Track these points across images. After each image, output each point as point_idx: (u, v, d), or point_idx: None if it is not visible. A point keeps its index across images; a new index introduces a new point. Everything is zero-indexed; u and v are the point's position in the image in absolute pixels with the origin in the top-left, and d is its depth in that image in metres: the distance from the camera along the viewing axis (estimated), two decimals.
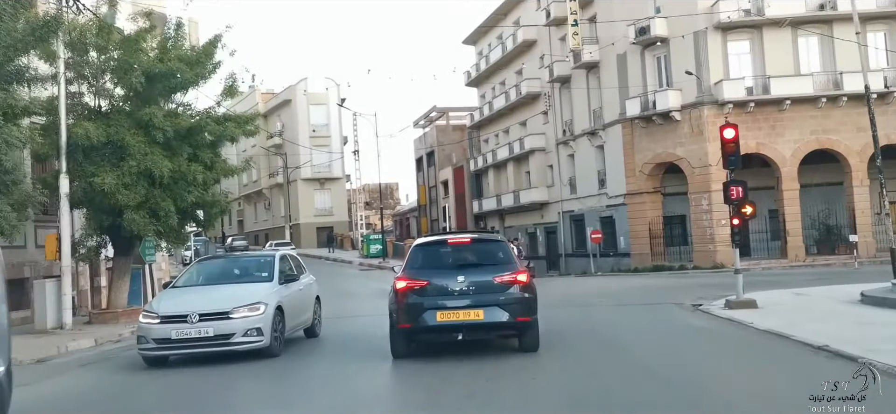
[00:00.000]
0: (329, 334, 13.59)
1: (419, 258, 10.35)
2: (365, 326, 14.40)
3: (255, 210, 75.30)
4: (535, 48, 47.23)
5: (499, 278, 9.79)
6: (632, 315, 15.12)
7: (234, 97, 20.25)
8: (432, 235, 14.36)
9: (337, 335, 13.58)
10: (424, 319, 9.65)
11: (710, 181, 33.39)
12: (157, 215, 17.52)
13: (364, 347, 11.74)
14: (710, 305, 15.31)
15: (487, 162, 53.57)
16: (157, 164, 16.84)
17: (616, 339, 11.73)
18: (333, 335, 13.54)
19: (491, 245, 10.97)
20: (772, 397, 7.26)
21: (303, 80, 65.51)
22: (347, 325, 15.53)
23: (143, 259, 18.80)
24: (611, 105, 38.56)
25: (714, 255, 33.38)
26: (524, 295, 9.83)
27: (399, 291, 9.90)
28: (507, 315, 9.65)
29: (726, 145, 14.59)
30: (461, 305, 9.61)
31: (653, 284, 24.89)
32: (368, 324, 14.38)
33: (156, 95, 18.03)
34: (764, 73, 33.80)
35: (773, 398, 7.22)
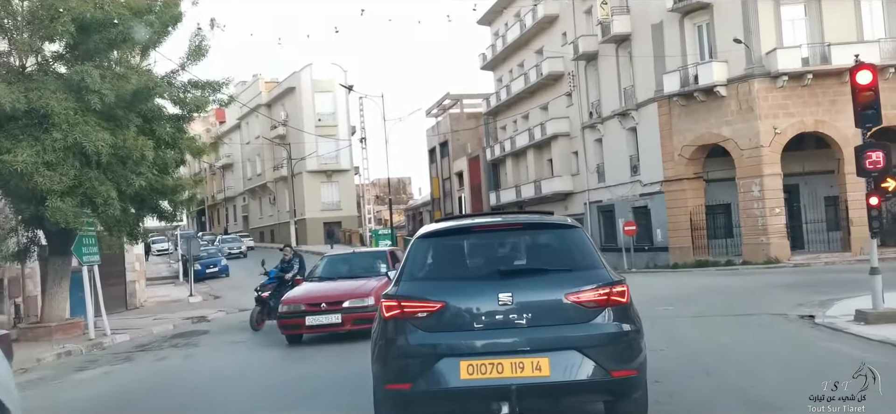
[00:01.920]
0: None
1: (426, 259, 5.89)
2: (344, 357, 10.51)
3: (260, 205, 71.67)
4: (556, 24, 43.32)
5: (575, 296, 5.36)
6: (733, 334, 10.86)
7: (201, 59, 16.43)
8: (447, 219, 8.63)
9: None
10: (438, 374, 5.23)
11: (761, 164, 29.40)
12: (94, 204, 13.74)
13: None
14: (826, 315, 11.29)
15: (505, 150, 49.79)
16: (90, 138, 13.07)
17: (759, 393, 7.19)
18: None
19: (559, 234, 6.11)
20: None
21: (307, 67, 61.68)
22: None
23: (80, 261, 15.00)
24: (644, 82, 34.54)
25: (767, 248, 29.30)
26: (623, 328, 5.39)
27: (389, 319, 5.50)
28: (594, 367, 5.21)
29: (860, 94, 10.57)
30: (506, 348, 5.22)
31: (713, 284, 20.85)
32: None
33: (94, 52, 14.25)
34: (822, 40, 29.61)
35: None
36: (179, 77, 16.41)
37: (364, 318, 11.53)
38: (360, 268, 14.42)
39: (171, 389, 9.80)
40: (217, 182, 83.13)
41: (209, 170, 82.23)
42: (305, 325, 12.58)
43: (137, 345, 14.85)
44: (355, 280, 13.45)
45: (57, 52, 14.68)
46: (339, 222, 62.30)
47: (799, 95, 29.63)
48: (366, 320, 11.05)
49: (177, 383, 10.11)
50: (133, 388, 10.08)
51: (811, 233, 31.34)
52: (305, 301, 12.77)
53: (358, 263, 14.98)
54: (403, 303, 5.44)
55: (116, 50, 14.83)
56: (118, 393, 9.74)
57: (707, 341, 10.35)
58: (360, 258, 15.92)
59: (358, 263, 14.98)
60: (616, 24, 35.61)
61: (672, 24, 32.58)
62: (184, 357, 12.68)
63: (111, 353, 13.91)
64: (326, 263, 15.43)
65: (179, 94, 16.07)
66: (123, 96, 13.95)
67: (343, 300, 12.47)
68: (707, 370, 8.17)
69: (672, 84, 31.95)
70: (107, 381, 10.72)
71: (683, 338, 10.41)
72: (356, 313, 12.14)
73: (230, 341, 14.23)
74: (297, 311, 12.71)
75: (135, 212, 16.25)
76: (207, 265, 37.25)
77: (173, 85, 15.97)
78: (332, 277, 14.10)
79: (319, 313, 12.43)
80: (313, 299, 12.78)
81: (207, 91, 16.43)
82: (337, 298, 12.61)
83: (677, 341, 9.81)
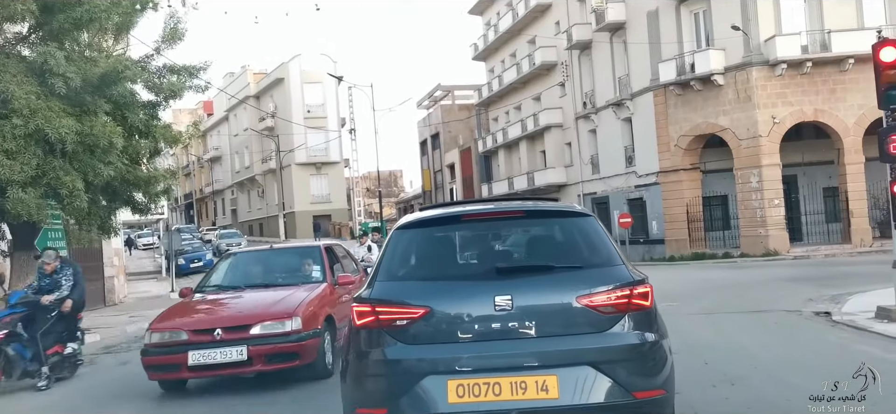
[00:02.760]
0: None
1: (408, 254, 4.88)
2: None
3: (249, 198, 70.66)
4: (549, 13, 42.49)
5: (589, 299, 4.38)
6: (751, 335, 9.94)
7: (177, 42, 15.52)
8: (433, 206, 6.92)
9: None
10: (421, 397, 4.26)
11: (760, 154, 28.72)
12: (59, 195, 12.84)
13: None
14: (842, 312, 10.53)
15: (497, 142, 49.02)
16: (53, 124, 12.16)
17: (797, 407, 6.17)
18: None
19: (567, 224, 5.05)
20: None
21: (296, 57, 60.67)
22: None
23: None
24: (640, 71, 33.77)
25: (765, 240, 28.62)
26: (646, 338, 4.40)
27: (361, 328, 4.53)
28: (612, 386, 4.21)
29: (884, 73, 9.76)
30: (505, 363, 4.25)
31: (714, 278, 20.08)
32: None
33: (60, 33, 13.33)
34: (822, 28, 28.89)
35: None
36: (154, 62, 15.51)
37: (284, 352, 8.07)
38: (282, 272, 10.08)
39: (125, 399, 8.57)
40: (205, 175, 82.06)
41: (197, 163, 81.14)
42: (188, 365, 8.07)
43: (105, 346, 13.87)
44: (274, 291, 9.19)
45: (19, 34, 13.75)
46: (329, 215, 61.45)
47: (798, 84, 28.93)
48: (287, 356, 8.05)
49: (130, 394, 8.79)
50: (81, 399, 8.96)
51: (810, 225, 30.75)
52: (189, 326, 8.37)
53: (278, 265, 10.44)
54: (379, 308, 4.46)
55: (85, 31, 13.87)
56: (64, 405, 8.68)
57: (723, 343, 9.47)
58: (283, 257, 11.16)
59: (278, 265, 10.44)
60: (611, 12, 34.83)
61: (668, 11, 31.82)
62: None
63: None
64: (230, 265, 10.61)
65: (154, 79, 15.14)
66: (91, 80, 13.01)
67: (251, 324, 8.20)
68: (730, 378, 7.25)
69: (668, 73, 31.18)
70: (58, 390, 9.54)
71: (695, 339, 9.50)
72: (271, 345, 8.08)
73: None
74: (175, 343, 8.27)
75: (106, 204, 15.32)
76: (192, 259, 36.37)
77: (147, 69, 15.04)
78: (238, 287, 9.66)
79: (212, 346, 8.07)
80: (202, 324, 8.42)
81: (184, 76, 15.48)
82: (241, 320, 8.35)
83: (689, 343, 8.85)
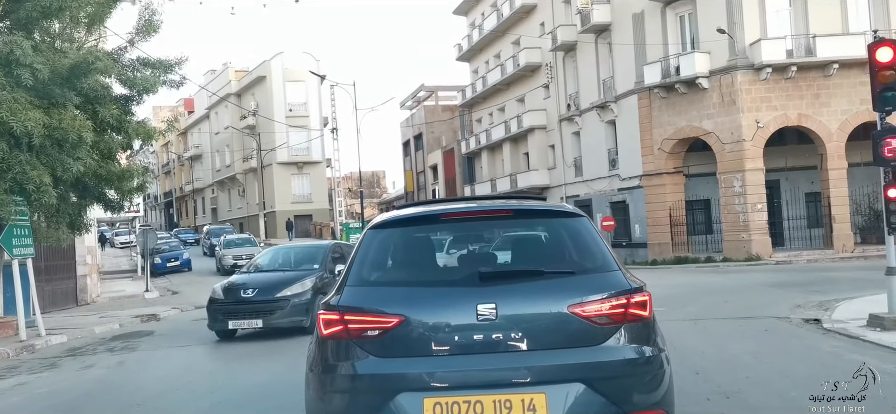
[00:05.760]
0: None
1: (381, 257, 4.48)
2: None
3: (229, 197, 69.90)
4: (534, 14, 42.30)
5: (581, 308, 3.99)
6: (741, 343, 9.56)
7: (152, 35, 15.05)
8: (410, 205, 6.13)
9: None
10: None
11: (743, 159, 28.60)
12: (25, 190, 12.36)
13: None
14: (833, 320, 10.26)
15: (480, 143, 48.72)
16: (19, 116, 11.69)
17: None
18: None
19: (557, 225, 4.63)
20: None
21: (278, 55, 60.04)
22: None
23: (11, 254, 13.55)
24: (624, 74, 33.59)
25: (748, 245, 28.49)
26: (645, 352, 4.01)
27: (327, 338, 4.10)
28: (603, 403, 3.83)
29: (879, 74, 9.52)
30: (487, 379, 3.83)
31: (699, 283, 19.82)
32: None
33: (28, 22, 12.86)
34: (807, 32, 28.82)
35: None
36: (127, 54, 15.05)
37: None
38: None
39: (82, 409, 8.16)
40: (186, 173, 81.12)
41: (177, 161, 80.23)
42: None
43: (69, 349, 13.31)
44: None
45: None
46: (310, 215, 60.86)
47: (782, 88, 28.84)
48: None
49: (89, 404, 8.37)
50: (35, 408, 8.39)
51: (792, 230, 30.66)
52: None
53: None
54: (348, 316, 4.04)
55: (55, 20, 13.40)
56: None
57: (714, 352, 9.12)
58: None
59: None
60: (596, 14, 34.61)
61: (653, 13, 31.66)
62: (115, 364, 11.09)
63: (39, 357, 12.37)
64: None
65: (127, 72, 14.68)
66: (60, 72, 12.56)
67: None
68: (725, 391, 6.88)
69: (653, 75, 30.99)
70: (11, 397, 8.97)
71: (685, 347, 9.13)
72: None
73: (175, 345, 12.84)
74: None
75: (76, 200, 14.84)
76: (169, 258, 35.76)
77: (119, 62, 14.57)
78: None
79: None
80: None
81: (158, 71, 15.02)
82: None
83: (679, 351, 8.37)
